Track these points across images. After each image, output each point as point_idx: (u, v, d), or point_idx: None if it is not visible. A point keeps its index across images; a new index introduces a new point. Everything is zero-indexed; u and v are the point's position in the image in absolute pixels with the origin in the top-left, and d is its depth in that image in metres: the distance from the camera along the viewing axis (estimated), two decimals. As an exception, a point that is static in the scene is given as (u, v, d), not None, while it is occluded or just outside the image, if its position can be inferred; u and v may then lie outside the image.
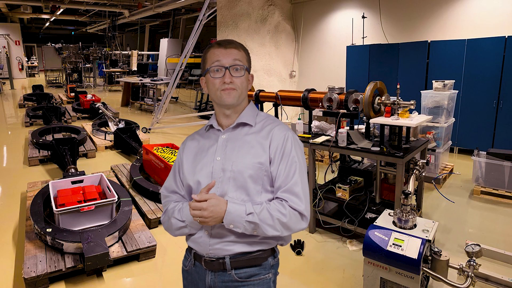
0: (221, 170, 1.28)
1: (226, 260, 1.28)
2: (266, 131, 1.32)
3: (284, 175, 1.26)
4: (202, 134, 1.41)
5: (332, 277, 2.81)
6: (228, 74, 1.25)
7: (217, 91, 1.27)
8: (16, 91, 15.10)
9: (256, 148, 1.29)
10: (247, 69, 1.31)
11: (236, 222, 1.20)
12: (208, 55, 1.29)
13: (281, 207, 1.23)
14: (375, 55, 6.87)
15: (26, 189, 4.24)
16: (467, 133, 5.86)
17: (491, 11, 5.80)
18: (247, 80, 1.32)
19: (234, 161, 1.27)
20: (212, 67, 1.26)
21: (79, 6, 15.23)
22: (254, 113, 1.37)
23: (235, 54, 1.27)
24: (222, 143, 1.32)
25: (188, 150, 1.39)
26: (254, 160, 1.27)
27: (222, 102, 1.28)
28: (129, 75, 15.04)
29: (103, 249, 2.74)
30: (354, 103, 3.29)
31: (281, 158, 1.28)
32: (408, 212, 2.30)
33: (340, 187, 3.35)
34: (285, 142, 1.30)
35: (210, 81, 1.28)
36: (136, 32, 23.37)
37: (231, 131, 1.34)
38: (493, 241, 3.24)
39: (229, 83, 1.25)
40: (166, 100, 7.96)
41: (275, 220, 1.21)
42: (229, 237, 1.27)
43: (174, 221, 1.30)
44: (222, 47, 1.27)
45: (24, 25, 23.11)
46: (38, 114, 8.47)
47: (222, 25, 7.85)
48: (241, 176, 1.26)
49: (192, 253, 1.37)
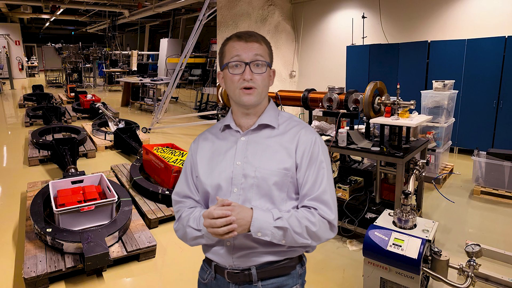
0: (242, 176, 1.17)
1: (252, 271, 1.18)
2: (292, 134, 1.21)
3: (311, 182, 1.17)
4: (216, 134, 1.28)
5: (332, 277, 2.80)
6: (248, 70, 1.14)
7: (236, 89, 1.16)
8: (16, 91, 15.10)
9: (280, 153, 1.18)
10: (269, 65, 1.19)
11: (264, 229, 1.09)
12: (227, 49, 1.17)
13: (310, 216, 1.14)
14: (375, 55, 6.87)
15: (26, 189, 4.24)
16: (467, 133, 5.85)
17: (491, 11, 5.80)
18: (268, 76, 1.20)
19: (257, 167, 1.17)
20: (231, 62, 1.15)
21: (79, 6, 15.23)
22: (276, 114, 1.26)
23: (256, 49, 1.15)
24: (242, 146, 1.21)
25: (202, 151, 1.27)
26: (279, 166, 1.16)
27: (241, 102, 1.17)
28: (129, 75, 15.04)
29: (103, 249, 2.74)
30: (354, 103, 3.29)
31: (308, 164, 1.18)
32: (408, 212, 2.30)
33: (340, 187, 3.35)
34: (313, 147, 1.19)
35: (229, 77, 1.17)
36: (136, 32, 23.38)
37: (252, 133, 1.23)
38: (493, 241, 3.24)
39: (249, 80, 1.14)
40: (166, 100, 7.96)
41: (303, 228, 1.12)
42: (255, 246, 1.17)
43: (189, 230, 1.19)
44: (243, 40, 1.15)
45: (24, 25, 23.11)
46: (38, 114, 8.47)
47: (222, 25, 7.85)
48: (265, 183, 1.16)
49: (212, 265, 1.24)
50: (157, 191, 3.87)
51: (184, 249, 3.18)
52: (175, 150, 4.75)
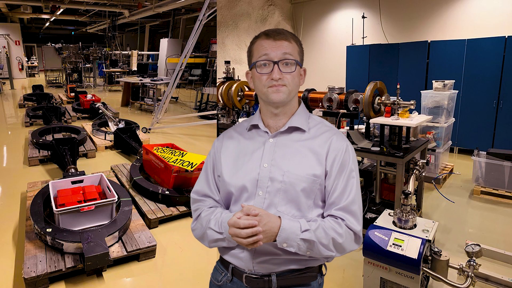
0: (268, 179, 1.13)
1: (272, 278, 1.14)
2: (323, 139, 1.17)
3: (339, 191, 1.14)
4: (242, 133, 1.24)
5: (332, 277, 2.80)
6: (276, 69, 1.10)
7: (263, 88, 1.13)
8: (16, 91, 15.10)
9: (309, 158, 1.14)
10: (299, 64, 1.15)
11: (291, 241, 1.06)
12: (255, 47, 1.14)
13: (337, 227, 1.10)
14: (375, 55, 6.87)
15: (26, 189, 4.24)
16: (467, 133, 5.85)
17: (491, 11, 5.80)
18: (298, 75, 1.16)
19: (285, 171, 1.13)
20: (259, 61, 1.12)
21: (79, 6, 15.24)
22: (306, 116, 1.22)
23: (285, 47, 1.12)
24: (270, 148, 1.17)
25: (227, 150, 1.22)
26: (309, 172, 1.13)
27: (270, 99, 1.13)
28: (129, 75, 15.04)
29: (103, 249, 2.74)
30: (354, 103, 3.29)
31: (338, 172, 1.14)
32: (408, 212, 2.30)
33: (340, 187, 3.34)
34: (344, 154, 1.16)
35: (257, 77, 1.14)
36: (136, 32, 23.38)
37: (281, 135, 1.18)
38: (493, 241, 3.24)
39: (278, 80, 1.10)
40: (166, 100, 7.96)
41: (330, 239, 1.09)
42: (277, 253, 1.13)
43: (210, 233, 1.15)
44: (271, 38, 1.12)
45: (24, 25, 23.11)
46: (38, 114, 8.47)
47: (222, 25, 7.85)
48: (293, 188, 1.12)
49: (230, 268, 1.20)
50: (157, 191, 3.87)
51: (184, 249, 3.18)
52: (175, 150, 4.74)
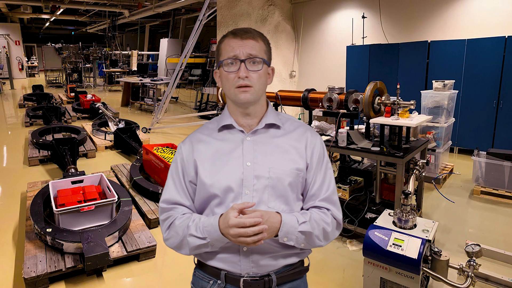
0: (253, 177, 1.13)
1: (272, 277, 1.15)
2: (298, 134, 1.21)
3: (319, 183, 1.18)
4: (211, 135, 1.22)
5: (332, 277, 2.80)
6: (243, 67, 1.10)
7: (231, 88, 1.13)
8: (16, 91, 15.09)
9: (291, 153, 1.17)
10: (266, 62, 1.15)
11: (290, 234, 1.09)
12: (223, 46, 1.14)
13: (325, 217, 1.15)
14: (375, 55, 6.87)
15: (26, 189, 4.24)
16: (467, 133, 5.85)
17: (491, 11, 5.80)
18: (265, 74, 1.16)
19: (271, 167, 1.14)
20: (226, 59, 1.12)
21: (79, 6, 15.23)
22: (276, 113, 1.24)
23: (252, 46, 1.12)
24: (249, 146, 1.17)
25: (200, 154, 1.18)
26: (292, 166, 1.16)
27: (237, 99, 1.14)
28: (129, 75, 15.04)
29: (103, 249, 2.74)
30: (354, 103, 3.29)
31: (317, 165, 1.19)
32: (408, 212, 2.30)
33: (340, 187, 3.35)
34: (320, 148, 1.22)
35: (224, 76, 1.14)
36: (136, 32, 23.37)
37: (258, 133, 1.19)
38: (493, 241, 3.24)
39: (245, 78, 1.11)
40: (166, 100, 7.96)
41: (321, 230, 1.13)
42: (273, 250, 1.14)
43: (191, 240, 1.11)
44: (238, 37, 1.12)
45: (24, 25, 23.10)
46: (38, 114, 8.47)
47: (222, 25, 7.85)
48: (280, 184, 1.14)
49: (221, 275, 1.16)
50: (157, 191, 3.87)
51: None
52: (175, 150, 4.74)
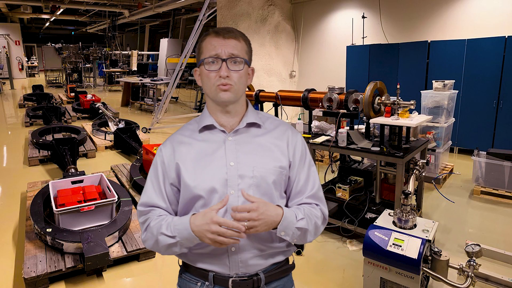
0: (238, 177, 1.13)
1: (261, 276, 1.15)
2: (279, 131, 1.22)
3: (304, 180, 1.20)
4: (192, 136, 1.20)
5: (332, 277, 2.80)
6: (224, 67, 1.10)
7: (212, 86, 1.12)
8: (16, 91, 15.09)
9: (273, 151, 1.17)
10: (247, 62, 1.16)
11: (288, 229, 1.09)
12: (204, 45, 1.13)
13: (316, 212, 1.17)
14: (375, 55, 6.87)
15: (26, 189, 4.24)
16: (467, 133, 5.85)
17: (491, 11, 5.80)
18: (246, 74, 1.16)
19: (254, 166, 1.14)
20: (207, 58, 1.11)
21: (79, 6, 15.23)
22: (256, 112, 1.25)
23: (234, 45, 1.12)
24: (231, 146, 1.16)
25: (182, 155, 1.16)
26: (276, 164, 1.16)
27: (218, 98, 1.13)
28: (129, 75, 15.04)
29: (103, 249, 2.74)
30: (354, 103, 3.29)
31: (300, 162, 1.20)
32: (408, 212, 2.30)
33: (340, 187, 3.35)
34: (302, 145, 1.23)
35: (205, 74, 1.13)
36: (136, 32, 23.38)
37: (240, 132, 1.18)
38: (493, 241, 3.24)
39: (226, 77, 1.10)
40: (166, 100, 7.96)
41: (313, 225, 1.15)
42: (262, 249, 1.15)
43: (162, 238, 1.09)
44: (220, 36, 1.11)
45: (24, 25, 23.11)
46: (38, 114, 8.47)
47: (222, 25, 7.84)
48: (265, 182, 1.14)
49: (209, 276, 1.16)
50: (157, 191, 3.86)
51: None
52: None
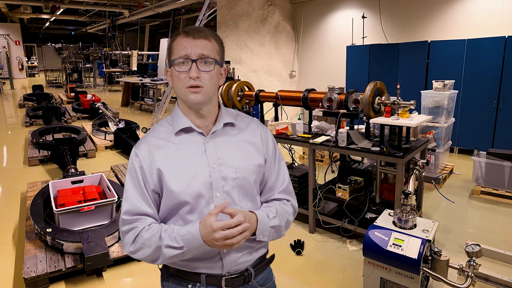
0: (221, 179, 1.12)
1: (250, 270, 1.20)
2: (252, 129, 1.23)
3: (275, 175, 1.23)
4: (169, 139, 1.15)
5: (332, 277, 2.80)
6: (194, 68, 1.07)
7: (182, 88, 1.09)
8: (16, 91, 15.10)
9: (250, 150, 1.19)
10: (218, 63, 1.13)
11: (264, 231, 1.12)
12: (174, 45, 1.11)
13: (287, 208, 1.21)
14: (375, 55, 6.87)
15: (26, 189, 4.24)
16: (467, 133, 5.85)
17: (491, 11, 5.80)
18: (217, 75, 1.13)
19: (237, 167, 1.14)
20: (177, 59, 1.09)
21: (79, 6, 15.23)
22: (227, 110, 1.23)
23: (204, 46, 1.09)
24: (211, 147, 1.15)
25: (160, 160, 1.11)
26: (255, 163, 1.18)
27: (188, 100, 1.10)
28: (129, 75, 15.04)
29: (103, 249, 2.74)
30: (354, 103, 3.29)
31: (272, 158, 1.23)
32: (408, 212, 2.30)
33: (340, 187, 3.35)
34: (272, 140, 1.26)
35: (175, 75, 1.10)
36: (136, 32, 23.38)
37: (217, 133, 1.17)
38: (493, 241, 3.24)
39: (196, 79, 1.08)
40: (166, 100, 7.96)
41: (285, 220, 1.19)
42: (249, 246, 1.18)
43: (167, 251, 1.06)
44: (190, 36, 1.09)
45: (24, 25, 23.10)
46: (38, 114, 8.48)
47: (222, 25, 7.85)
48: (247, 182, 1.16)
49: (201, 278, 1.16)
50: (157, 191, 3.86)
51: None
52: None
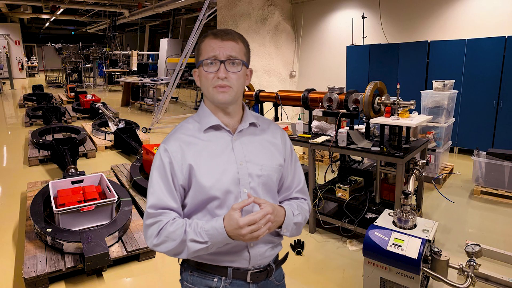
0: (248, 176, 1.17)
1: (272, 265, 1.24)
2: (272, 131, 1.28)
3: (292, 175, 1.29)
4: (197, 136, 1.19)
5: (332, 277, 2.80)
6: (223, 68, 1.12)
7: (209, 87, 1.15)
8: (16, 91, 15.10)
9: (272, 150, 1.24)
10: (245, 64, 1.17)
11: (289, 226, 1.18)
12: (203, 46, 1.15)
13: (305, 206, 1.27)
14: (375, 55, 6.87)
15: (26, 189, 4.24)
16: (467, 133, 5.85)
17: (491, 11, 5.80)
18: (244, 76, 1.18)
19: (262, 165, 1.19)
20: (206, 59, 1.13)
21: (79, 6, 15.23)
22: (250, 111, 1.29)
23: (232, 47, 1.14)
24: (239, 145, 1.19)
25: (194, 157, 1.15)
26: (277, 162, 1.23)
27: (216, 99, 1.15)
28: (129, 75, 15.04)
29: (103, 249, 2.74)
30: (354, 103, 3.28)
31: (290, 158, 1.29)
32: (408, 212, 2.30)
33: (340, 187, 3.35)
34: (290, 142, 1.32)
35: (203, 75, 1.15)
36: (136, 32, 23.38)
37: (244, 132, 1.22)
38: (493, 241, 3.24)
39: (224, 79, 1.12)
40: (166, 100, 7.96)
41: (304, 218, 1.24)
42: (272, 240, 1.22)
43: (192, 245, 1.08)
44: (219, 38, 1.13)
45: (24, 25, 23.11)
46: (38, 114, 8.47)
47: (222, 25, 7.84)
48: (270, 180, 1.21)
49: (228, 272, 1.18)
50: (157, 191, 3.86)
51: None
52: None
